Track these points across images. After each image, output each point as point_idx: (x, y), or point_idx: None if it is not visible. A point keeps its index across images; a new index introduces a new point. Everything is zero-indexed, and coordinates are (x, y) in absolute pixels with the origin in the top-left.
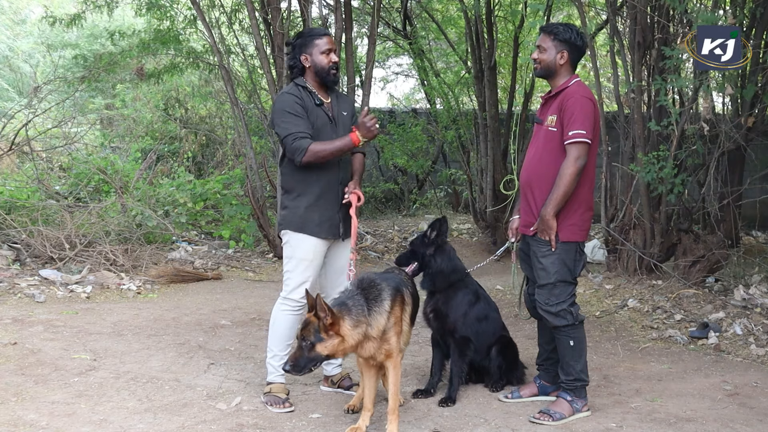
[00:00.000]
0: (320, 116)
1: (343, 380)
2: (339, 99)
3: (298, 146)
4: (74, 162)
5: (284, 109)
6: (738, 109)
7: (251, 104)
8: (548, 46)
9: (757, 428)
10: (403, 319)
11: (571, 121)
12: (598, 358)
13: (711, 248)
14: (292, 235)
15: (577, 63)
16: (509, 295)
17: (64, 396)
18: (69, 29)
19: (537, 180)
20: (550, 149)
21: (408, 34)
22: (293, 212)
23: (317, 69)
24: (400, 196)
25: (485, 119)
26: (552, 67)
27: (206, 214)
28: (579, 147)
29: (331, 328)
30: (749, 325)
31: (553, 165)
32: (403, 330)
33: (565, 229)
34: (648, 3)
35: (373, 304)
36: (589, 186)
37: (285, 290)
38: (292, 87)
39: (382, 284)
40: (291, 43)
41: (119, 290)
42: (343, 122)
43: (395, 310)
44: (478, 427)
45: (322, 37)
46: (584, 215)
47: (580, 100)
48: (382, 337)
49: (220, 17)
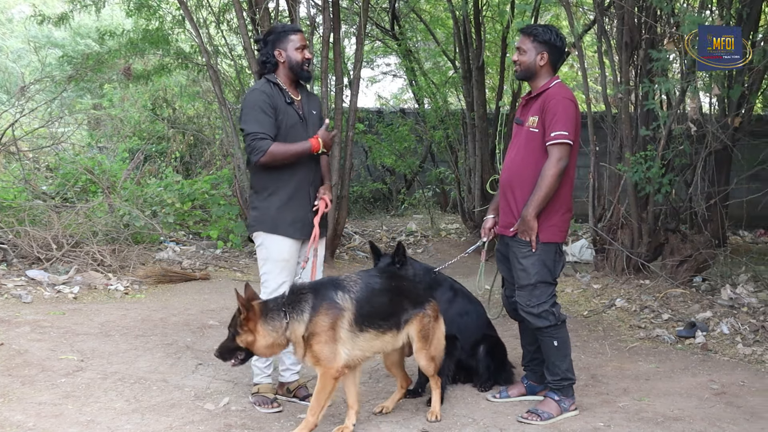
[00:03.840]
0: (291, 115)
1: (299, 389)
2: (309, 98)
3: (258, 146)
4: (61, 162)
5: (252, 105)
6: (725, 110)
7: (239, 104)
8: (528, 48)
9: (743, 427)
10: (337, 326)
11: (553, 123)
12: (586, 358)
13: (698, 248)
14: (266, 237)
15: (558, 64)
16: (496, 295)
17: (51, 397)
18: (57, 28)
19: (518, 181)
20: (531, 150)
21: (396, 34)
22: (264, 213)
23: (292, 64)
24: (388, 195)
25: (473, 119)
26: (532, 68)
27: (194, 215)
28: (561, 148)
29: (246, 324)
30: (736, 325)
31: (533, 166)
32: (341, 338)
33: (545, 230)
34: (635, 3)
35: (294, 312)
36: (570, 187)
37: (264, 293)
38: (264, 83)
39: (308, 294)
40: (262, 39)
41: (107, 291)
42: (312, 121)
43: (319, 320)
44: (466, 426)
45: (296, 33)
46: (564, 216)
47: (562, 102)
48: (306, 343)
49: (208, 17)
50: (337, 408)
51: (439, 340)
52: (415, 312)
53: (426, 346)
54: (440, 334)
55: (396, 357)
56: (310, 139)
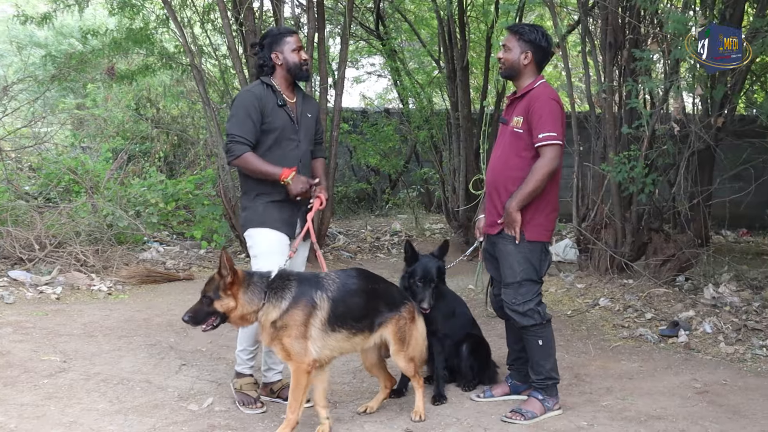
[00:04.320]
0: (281, 117)
1: (283, 390)
2: (305, 100)
3: (233, 149)
4: (44, 162)
5: (239, 107)
6: (708, 110)
7: (223, 104)
8: (513, 46)
9: (726, 425)
10: (310, 323)
11: (540, 124)
12: (570, 357)
13: (681, 247)
14: (255, 231)
15: (543, 64)
16: (481, 294)
17: (34, 398)
18: (40, 28)
19: (503, 181)
20: (517, 151)
21: (381, 34)
22: (253, 211)
23: (289, 66)
24: (372, 195)
25: (458, 119)
26: (516, 66)
27: (178, 215)
28: (553, 149)
29: (230, 288)
30: (719, 324)
31: (519, 166)
32: (312, 336)
33: (532, 228)
34: (619, 4)
35: (273, 296)
36: (557, 188)
37: None
38: (257, 85)
39: (293, 284)
40: (259, 42)
41: (90, 291)
42: (305, 124)
43: (295, 314)
44: (450, 426)
45: (291, 35)
46: (550, 216)
47: (548, 102)
48: (276, 333)
49: (192, 17)
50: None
51: (417, 342)
52: (390, 315)
53: (403, 348)
54: (418, 335)
55: (374, 358)
56: (285, 168)
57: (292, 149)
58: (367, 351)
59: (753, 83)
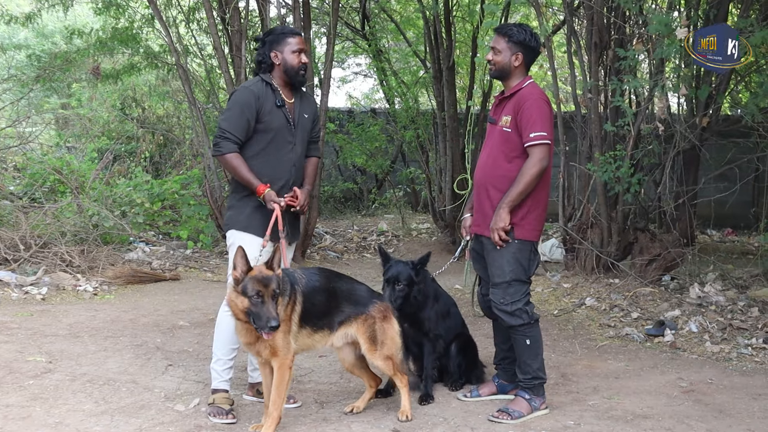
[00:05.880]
0: (279, 118)
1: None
2: (303, 100)
3: (220, 145)
4: (29, 162)
5: (235, 103)
6: (693, 110)
7: (209, 104)
8: (503, 48)
9: (712, 424)
10: (291, 319)
11: (530, 124)
12: (557, 357)
13: (667, 247)
14: (237, 235)
15: (531, 64)
16: (468, 294)
17: (19, 399)
18: (24, 27)
19: (492, 180)
20: (505, 150)
21: (366, 34)
22: (239, 212)
23: (287, 68)
24: (359, 195)
25: (444, 119)
26: (507, 68)
27: (164, 215)
28: (542, 149)
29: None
30: (704, 323)
31: (507, 166)
32: (291, 330)
33: (522, 228)
34: (604, 4)
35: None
36: (547, 187)
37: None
38: (257, 82)
39: (285, 279)
40: (261, 38)
41: (75, 291)
42: (302, 125)
43: (286, 308)
44: (437, 426)
45: (294, 36)
46: (540, 216)
47: (537, 102)
48: None
49: (178, 16)
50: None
51: (392, 340)
52: (354, 313)
53: (375, 347)
54: (393, 333)
55: (352, 359)
56: (261, 185)
57: (287, 152)
58: (343, 352)
59: (738, 83)
